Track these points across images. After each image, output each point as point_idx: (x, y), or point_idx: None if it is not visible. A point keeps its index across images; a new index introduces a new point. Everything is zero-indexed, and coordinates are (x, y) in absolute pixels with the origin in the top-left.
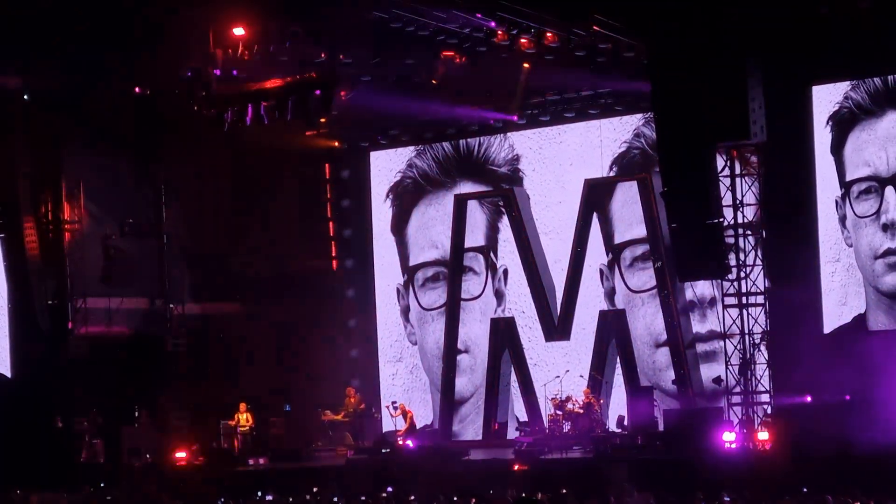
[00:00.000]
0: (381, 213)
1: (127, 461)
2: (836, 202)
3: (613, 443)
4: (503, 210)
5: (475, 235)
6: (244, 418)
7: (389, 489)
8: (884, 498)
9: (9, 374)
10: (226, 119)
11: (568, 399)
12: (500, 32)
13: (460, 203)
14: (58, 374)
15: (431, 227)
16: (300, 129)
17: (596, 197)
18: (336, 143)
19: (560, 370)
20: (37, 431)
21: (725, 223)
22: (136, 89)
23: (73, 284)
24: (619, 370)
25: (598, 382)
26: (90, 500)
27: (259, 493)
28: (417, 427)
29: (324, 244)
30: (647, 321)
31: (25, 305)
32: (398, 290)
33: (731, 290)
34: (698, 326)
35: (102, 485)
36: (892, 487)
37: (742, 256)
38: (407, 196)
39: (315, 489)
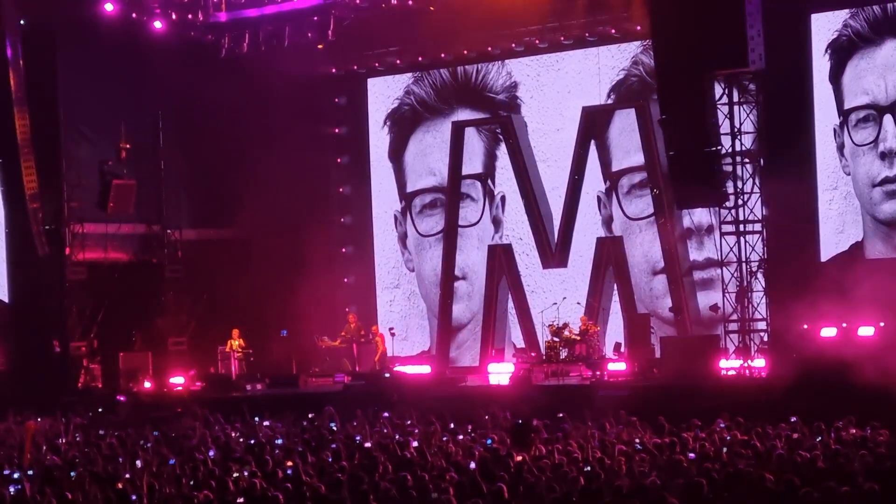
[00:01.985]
0: (379, 139)
1: (124, 385)
2: (835, 130)
3: (610, 369)
4: (501, 137)
5: (473, 163)
6: (237, 344)
7: (385, 414)
8: (878, 426)
9: (6, 300)
10: (223, 46)
11: (565, 326)
12: None
13: (458, 130)
14: (55, 299)
15: (429, 154)
16: (297, 56)
17: (594, 124)
18: (333, 70)
19: (557, 297)
20: (34, 356)
21: (723, 151)
22: (133, 15)
23: (70, 210)
24: (616, 297)
25: (595, 309)
26: (87, 423)
27: (256, 419)
28: (390, 353)
29: (321, 169)
30: (644, 248)
31: (22, 231)
32: (395, 217)
33: (729, 218)
34: (695, 254)
35: (100, 409)
36: (887, 415)
37: (740, 184)
38: (404, 123)
39: (311, 415)
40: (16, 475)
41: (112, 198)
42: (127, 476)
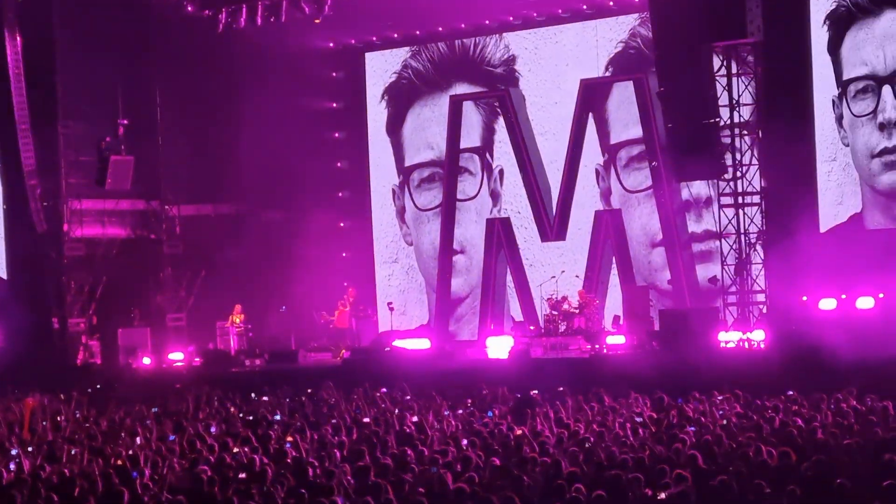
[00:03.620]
0: (377, 114)
1: (123, 362)
2: (833, 101)
3: (609, 342)
4: (499, 111)
5: (471, 136)
6: (238, 319)
7: (384, 389)
8: (876, 398)
9: (4, 276)
10: (220, 20)
11: (563, 299)
12: None
13: (456, 104)
14: (53, 275)
15: (427, 128)
16: (294, 30)
17: (592, 97)
18: (330, 45)
19: (556, 270)
20: (33, 333)
21: (722, 123)
22: None
23: (67, 186)
24: (614, 270)
25: (593, 283)
26: (85, 399)
27: (254, 395)
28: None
29: (319, 144)
30: (642, 221)
31: (21, 207)
32: (394, 191)
33: (727, 190)
34: (694, 226)
35: (98, 386)
36: (886, 387)
37: (738, 156)
38: (402, 97)
39: (310, 390)
40: (14, 451)
41: (110, 174)
42: (127, 452)
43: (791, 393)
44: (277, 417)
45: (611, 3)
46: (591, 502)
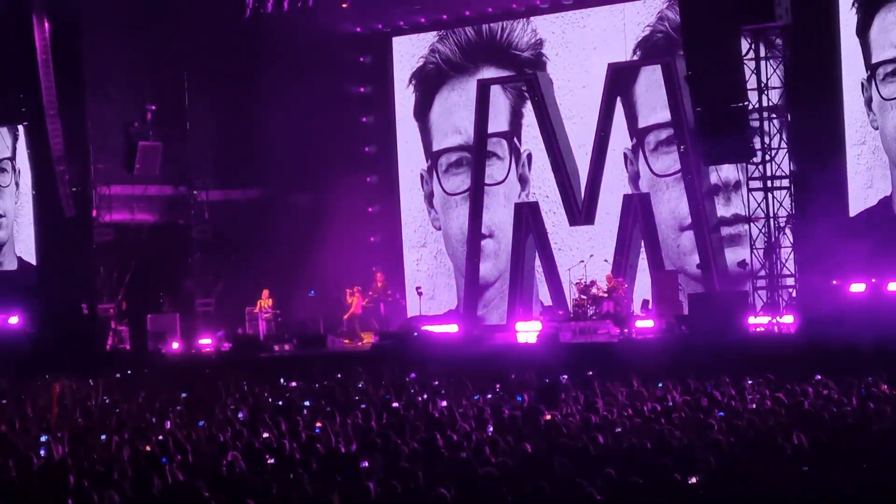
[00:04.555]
0: (404, 98)
1: (152, 347)
2: (862, 84)
3: (637, 326)
4: (526, 95)
5: (498, 120)
6: (267, 304)
7: (413, 375)
8: None
9: (34, 262)
10: (248, 5)
11: (592, 283)
12: None
13: (483, 88)
14: (82, 261)
15: (455, 113)
16: (322, 15)
17: (619, 81)
18: (358, 29)
19: (584, 255)
20: (62, 319)
21: (750, 106)
22: None
23: (96, 172)
24: (643, 254)
25: (622, 267)
26: (115, 384)
27: (283, 380)
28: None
29: (347, 129)
30: (671, 205)
31: (50, 193)
32: (422, 176)
33: (756, 174)
34: (723, 210)
35: (128, 371)
36: None
37: (767, 140)
38: (430, 82)
39: (339, 375)
40: (43, 438)
41: (138, 159)
42: (156, 438)
43: (820, 377)
44: (307, 403)
45: None
46: (620, 487)
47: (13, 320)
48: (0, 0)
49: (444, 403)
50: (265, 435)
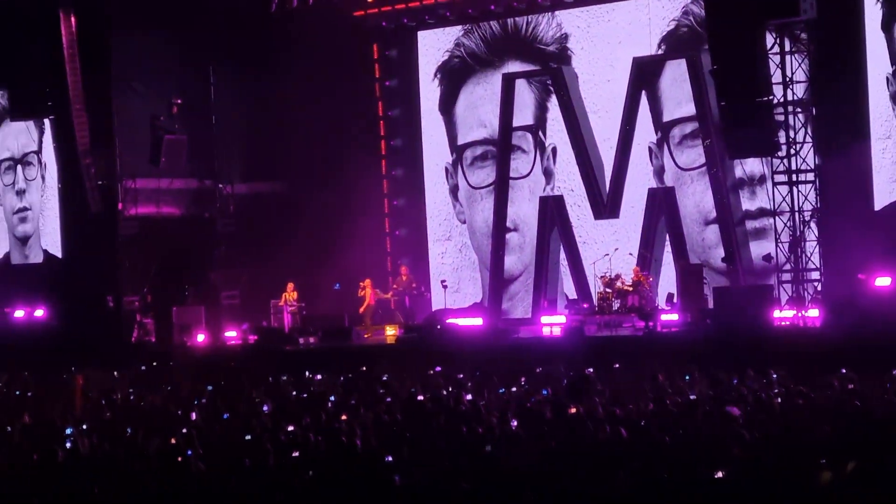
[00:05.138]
0: (429, 92)
1: (178, 340)
2: (887, 79)
3: (663, 320)
4: (551, 89)
5: (523, 114)
6: (292, 297)
7: (438, 368)
8: None
9: (60, 255)
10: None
11: (617, 277)
12: None
13: (508, 82)
14: (108, 254)
15: (480, 106)
16: (347, 9)
17: (644, 75)
18: (383, 24)
19: (609, 248)
20: (88, 312)
21: (775, 101)
22: None
23: (122, 165)
24: (668, 248)
25: (647, 260)
26: (140, 377)
27: (308, 373)
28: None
29: (372, 122)
30: (696, 199)
31: (76, 186)
32: (447, 170)
33: (781, 168)
34: (748, 204)
35: (153, 364)
36: None
37: (792, 133)
38: (455, 75)
39: (364, 368)
40: (68, 430)
41: (164, 153)
42: (181, 430)
43: (846, 371)
44: (332, 399)
45: None
46: (646, 480)
47: (39, 313)
48: None
49: (469, 397)
50: (290, 428)
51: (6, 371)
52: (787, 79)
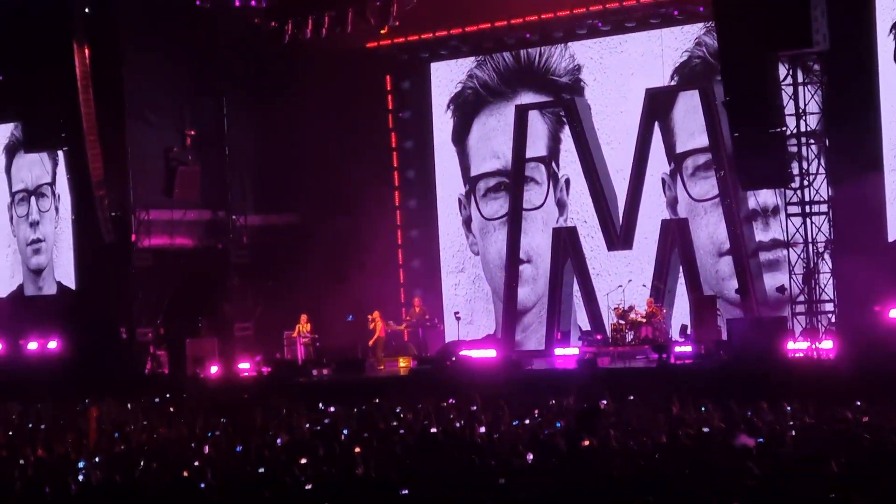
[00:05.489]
0: (442, 123)
1: (191, 372)
2: None
3: (676, 352)
4: (564, 120)
5: (536, 146)
6: (305, 329)
7: (451, 400)
8: None
9: (73, 287)
10: (286, 31)
11: (631, 308)
12: None
13: (521, 113)
14: (122, 286)
15: (493, 138)
16: (360, 41)
17: (657, 106)
18: (397, 55)
19: (623, 280)
20: (101, 343)
21: (788, 132)
22: (197, 1)
23: (136, 196)
24: (681, 279)
25: (660, 292)
26: (153, 409)
27: (322, 405)
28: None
29: (385, 153)
30: (709, 230)
31: (89, 218)
32: (460, 201)
33: (795, 199)
34: (761, 235)
35: (166, 395)
36: None
37: (805, 165)
38: (468, 107)
39: (378, 400)
40: (81, 463)
41: (177, 184)
42: (194, 463)
43: (860, 403)
44: (346, 431)
45: (676, 14)
46: None
47: (52, 345)
48: (41, 26)
49: (483, 429)
50: (303, 460)
51: (20, 403)
52: (800, 110)
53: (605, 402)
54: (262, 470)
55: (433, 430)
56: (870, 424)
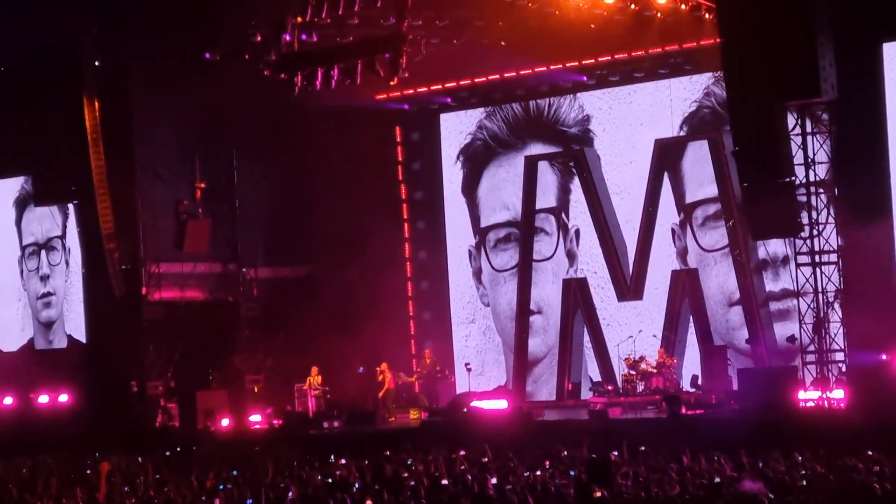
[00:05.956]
0: (452, 174)
1: (202, 424)
2: None
3: (688, 402)
4: (574, 171)
5: (546, 196)
6: (316, 381)
7: (462, 452)
8: None
9: (84, 340)
10: (296, 83)
11: (641, 359)
12: None
13: (531, 164)
14: (132, 339)
15: (502, 189)
16: (370, 92)
17: (666, 156)
18: (406, 106)
19: (633, 330)
20: (112, 396)
21: (797, 181)
22: (206, 55)
23: (146, 250)
24: (692, 329)
25: (671, 342)
26: (164, 462)
27: (333, 457)
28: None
29: (395, 207)
30: (719, 280)
31: (99, 271)
32: (470, 252)
33: (804, 249)
34: (771, 285)
35: (177, 449)
36: None
37: (814, 214)
38: (477, 158)
39: (388, 452)
40: None
41: (187, 237)
42: None
43: (872, 453)
44: (357, 484)
45: (684, 64)
46: None
47: (63, 398)
48: (51, 79)
49: (494, 480)
50: None
51: (30, 457)
52: (809, 159)
53: (615, 452)
54: None
55: (444, 481)
56: (881, 473)
